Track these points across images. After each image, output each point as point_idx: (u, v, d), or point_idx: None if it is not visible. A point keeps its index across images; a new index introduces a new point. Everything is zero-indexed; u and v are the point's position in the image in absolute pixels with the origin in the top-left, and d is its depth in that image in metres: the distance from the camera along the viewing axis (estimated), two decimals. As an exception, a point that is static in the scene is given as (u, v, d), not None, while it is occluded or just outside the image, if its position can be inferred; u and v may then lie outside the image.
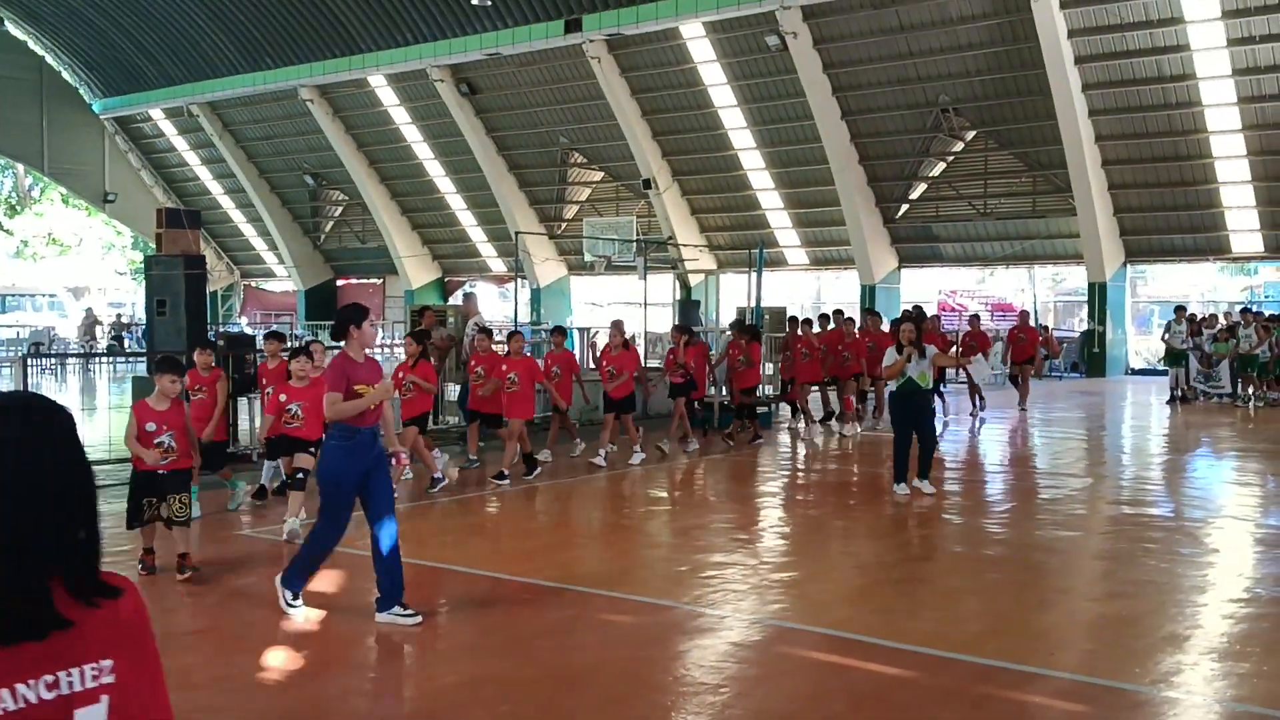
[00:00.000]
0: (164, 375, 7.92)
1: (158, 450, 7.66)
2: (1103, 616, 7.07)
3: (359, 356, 6.79)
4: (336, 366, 6.72)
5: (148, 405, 7.86)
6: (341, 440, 6.65)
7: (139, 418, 7.82)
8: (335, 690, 5.70)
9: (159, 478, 7.69)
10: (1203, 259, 29.58)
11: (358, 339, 6.77)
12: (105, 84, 43.44)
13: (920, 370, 10.64)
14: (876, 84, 28.73)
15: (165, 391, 7.90)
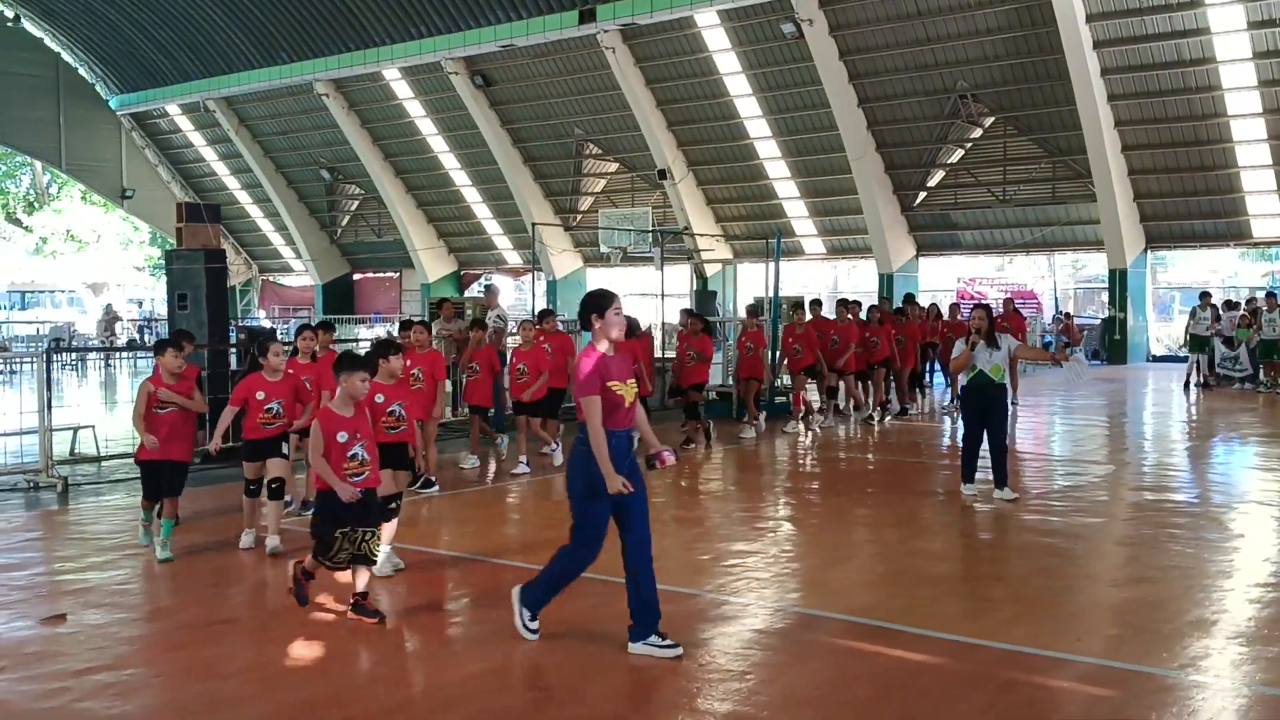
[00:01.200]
0: (354, 373, 6.56)
1: (355, 464, 6.46)
2: (1128, 601, 7.04)
3: (609, 350, 5.88)
4: (588, 364, 5.80)
5: (334, 413, 6.52)
6: None
7: (327, 428, 6.44)
8: (360, 679, 5.72)
9: (359, 502, 6.36)
10: (1224, 244, 29.37)
11: (602, 329, 5.87)
12: (122, 80, 43.62)
13: (993, 362, 9.98)
14: (893, 70, 28.60)
15: (355, 393, 6.57)
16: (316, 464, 6.40)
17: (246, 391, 8.42)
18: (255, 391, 8.35)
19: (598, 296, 5.98)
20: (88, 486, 11.31)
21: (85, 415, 14.97)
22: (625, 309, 6.20)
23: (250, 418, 8.31)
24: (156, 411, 8.10)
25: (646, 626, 5.89)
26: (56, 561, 8.49)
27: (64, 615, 6.75)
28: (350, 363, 6.66)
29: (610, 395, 5.76)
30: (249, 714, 5.19)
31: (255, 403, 8.31)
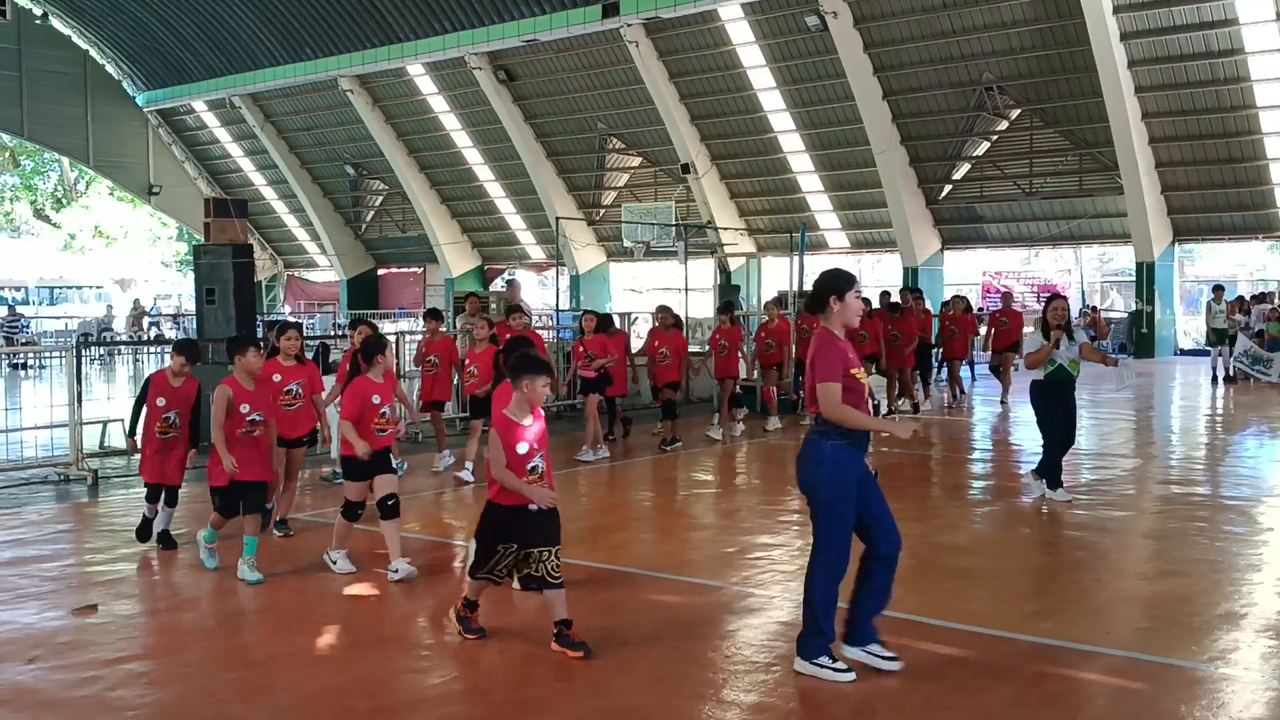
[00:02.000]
0: (536, 378, 5.86)
1: (534, 478, 5.86)
2: (1157, 595, 7.00)
3: (844, 333, 5.48)
4: (827, 348, 5.33)
5: (515, 421, 5.86)
6: (844, 441, 5.31)
7: (507, 439, 5.81)
8: (388, 668, 5.76)
9: (535, 518, 5.82)
10: (1251, 237, 29.08)
11: (839, 313, 5.42)
12: (148, 77, 43.93)
13: (1071, 357, 9.53)
14: (918, 63, 28.46)
15: (535, 398, 5.91)
16: (500, 475, 5.75)
17: (361, 400, 7.30)
18: (370, 395, 7.32)
19: (838, 277, 5.47)
20: (117, 479, 11.41)
21: (115, 409, 15.11)
22: (653, 304, 6.18)
23: (364, 426, 7.25)
24: (241, 434, 7.43)
25: (822, 644, 5.41)
26: (87, 553, 8.58)
27: (95, 606, 6.83)
28: (532, 366, 5.89)
29: (853, 383, 5.31)
30: (279, 702, 5.24)
31: (372, 408, 7.30)
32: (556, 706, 5.24)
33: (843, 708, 5.18)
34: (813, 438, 5.40)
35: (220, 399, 7.39)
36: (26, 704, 5.23)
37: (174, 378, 8.23)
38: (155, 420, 8.17)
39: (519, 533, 5.78)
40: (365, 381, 7.40)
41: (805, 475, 5.44)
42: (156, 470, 8.21)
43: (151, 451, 8.21)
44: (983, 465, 12.82)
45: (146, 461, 8.26)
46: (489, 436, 5.90)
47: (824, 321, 5.47)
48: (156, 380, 8.28)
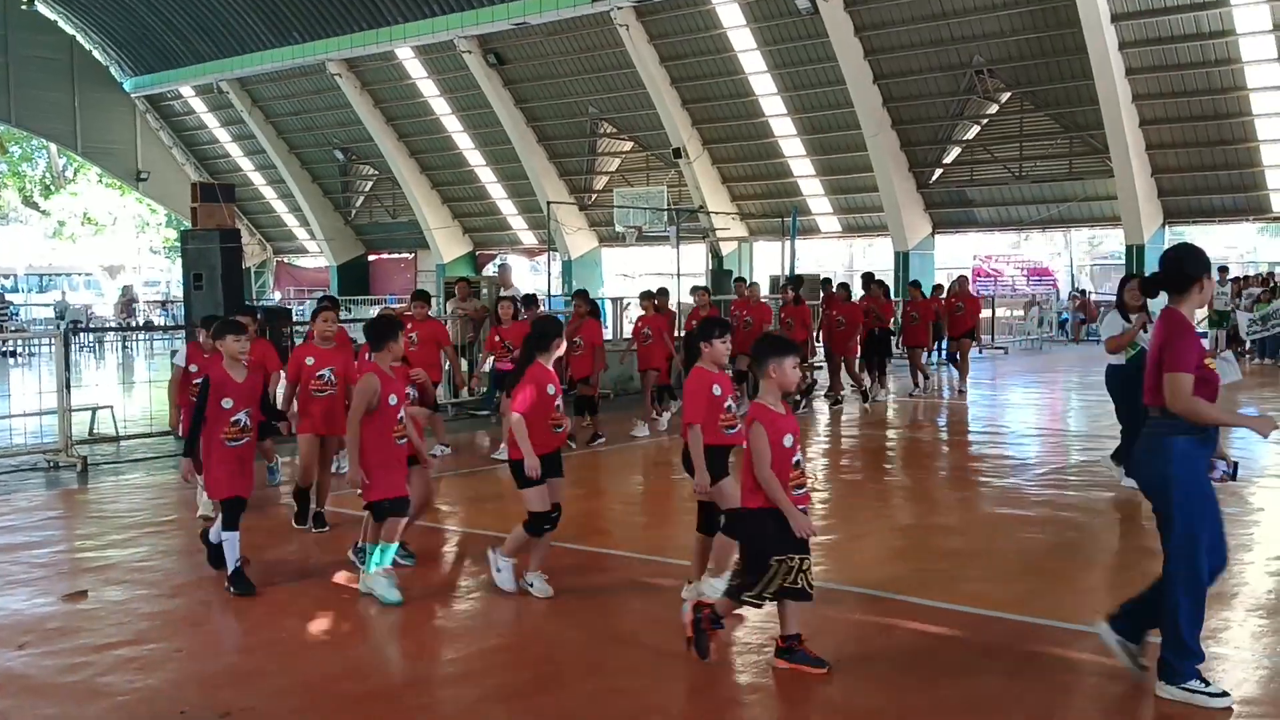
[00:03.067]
0: (785, 358, 5.23)
1: (798, 474, 5.22)
2: (1148, 575, 6.92)
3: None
4: (1181, 335, 4.75)
5: (773, 411, 5.22)
6: (1194, 437, 4.76)
7: (773, 433, 5.14)
8: (379, 654, 5.75)
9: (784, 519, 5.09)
10: (1242, 219, 29.15)
11: (1197, 296, 4.89)
12: (135, 62, 43.67)
13: None
14: (909, 46, 28.40)
15: (787, 383, 5.27)
16: (767, 478, 5.04)
17: (539, 391, 6.27)
18: (545, 385, 6.31)
19: (1200, 255, 4.93)
20: (106, 466, 11.37)
21: (104, 395, 15.05)
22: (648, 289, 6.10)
23: (538, 425, 6.26)
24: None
25: (1190, 666, 4.87)
26: (77, 539, 8.55)
27: (85, 592, 6.80)
28: (782, 345, 5.32)
29: (1207, 373, 4.76)
30: (270, 687, 5.22)
31: (547, 399, 6.28)
32: (550, 688, 5.23)
33: (835, 690, 5.18)
34: (1156, 433, 4.83)
35: (366, 389, 6.37)
36: (16, 690, 5.21)
37: (234, 367, 6.82)
38: (222, 426, 6.68)
39: (792, 539, 5.05)
40: (541, 370, 6.29)
41: (1151, 475, 4.89)
42: (231, 484, 6.69)
43: (222, 470, 6.67)
44: (976, 448, 12.83)
45: (216, 481, 6.71)
46: (751, 433, 5.12)
47: (1179, 305, 4.83)
48: (216, 378, 6.78)
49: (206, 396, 6.68)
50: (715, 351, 6.02)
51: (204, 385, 6.75)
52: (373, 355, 6.74)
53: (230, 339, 6.78)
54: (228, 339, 6.79)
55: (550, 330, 6.45)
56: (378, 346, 6.63)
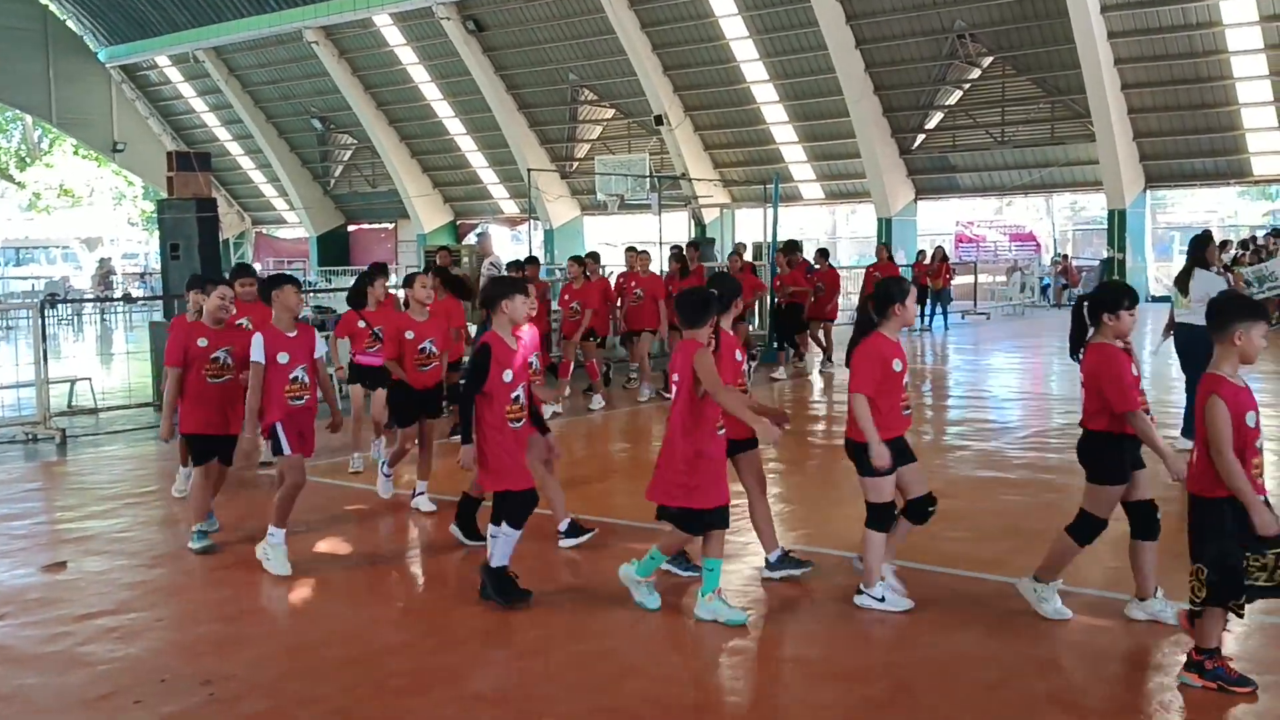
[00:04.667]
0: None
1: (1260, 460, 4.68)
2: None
3: None
4: None
5: None
6: None
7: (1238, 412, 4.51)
8: (363, 620, 5.74)
9: None
10: (1224, 183, 29.22)
11: None
12: (110, 32, 43.11)
13: None
14: (891, 11, 28.28)
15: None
16: (1226, 464, 4.45)
17: (882, 364, 5.56)
18: (890, 359, 5.57)
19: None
20: (85, 438, 11.31)
21: (82, 368, 14.95)
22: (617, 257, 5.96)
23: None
24: None
25: None
26: (56, 511, 8.51)
27: (64, 563, 6.78)
28: (1249, 311, 4.79)
29: None
30: (252, 654, 5.21)
31: (893, 376, 5.57)
32: (533, 652, 5.24)
33: (815, 649, 5.21)
34: None
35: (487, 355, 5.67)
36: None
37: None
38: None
39: (1253, 533, 4.40)
40: (881, 340, 5.54)
41: None
42: (517, 474, 5.77)
43: (507, 457, 5.69)
44: (958, 413, 12.87)
45: (498, 471, 5.71)
46: (1209, 409, 4.55)
47: None
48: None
49: (487, 368, 5.53)
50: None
51: (483, 353, 5.57)
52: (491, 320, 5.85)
53: (519, 300, 5.71)
54: (516, 299, 5.67)
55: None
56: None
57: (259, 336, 6.42)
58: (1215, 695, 4.60)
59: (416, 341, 7.67)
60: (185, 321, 7.39)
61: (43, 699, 4.78)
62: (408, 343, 7.65)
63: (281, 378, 6.42)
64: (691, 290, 5.72)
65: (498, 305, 5.69)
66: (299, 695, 4.76)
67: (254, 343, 6.41)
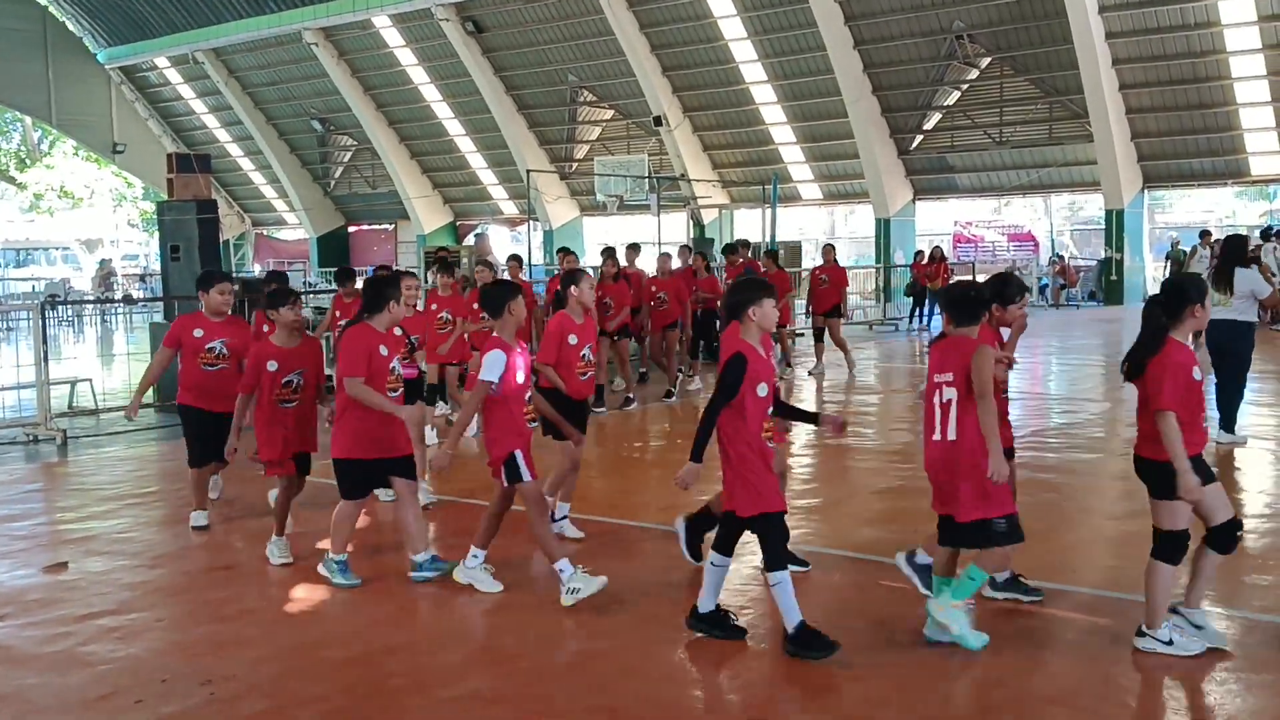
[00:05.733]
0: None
1: None
2: (1124, 534, 7.08)
3: None
4: None
5: None
6: None
7: None
8: (361, 620, 5.77)
9: None
10: (1221, 183, 29.24)
11: None
12: (110, 33, 43.13)
13: None
14: (890, 11, 28.30)
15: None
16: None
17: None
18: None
19: None
20: (86, 439, 11.33)
21: (82, 369, 14.98)
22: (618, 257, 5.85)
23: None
24: None
25: None
26: (57, 512, 8.53)
27: (65, 563, 6.80)
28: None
29: None
30: (252, 655, 5.24)
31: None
32: (530, 652, 5.26)
33: (814, 649, 5.22)
34: None
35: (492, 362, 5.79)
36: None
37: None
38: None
39: None
40: (1177, 347, 4.98)
41: None
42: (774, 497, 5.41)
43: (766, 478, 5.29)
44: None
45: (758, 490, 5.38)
46: None
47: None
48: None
49: (740, 381, 5.03)
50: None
51: (738, 365, 5.02)
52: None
53: (769, 305, 5.21)
54: (766, 304, 5.17)
55: None
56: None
57: (499, 354, 5.73)
58: (1213, 695, 4.62)
59: (578, 349, 6.89)
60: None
61: (43, 699, 4.80)
62: (570, 349, 6.86)
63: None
64: (962, 285, 5.60)
65: (744, 313, 5.11)
66: (299, 695, 4.78)
67: (490, 361, 5.74)
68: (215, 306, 7.37)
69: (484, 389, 5.75)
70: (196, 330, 7.32)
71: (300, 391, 6.62)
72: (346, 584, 6.17)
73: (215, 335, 7.31)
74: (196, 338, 7.31)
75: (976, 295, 5.26)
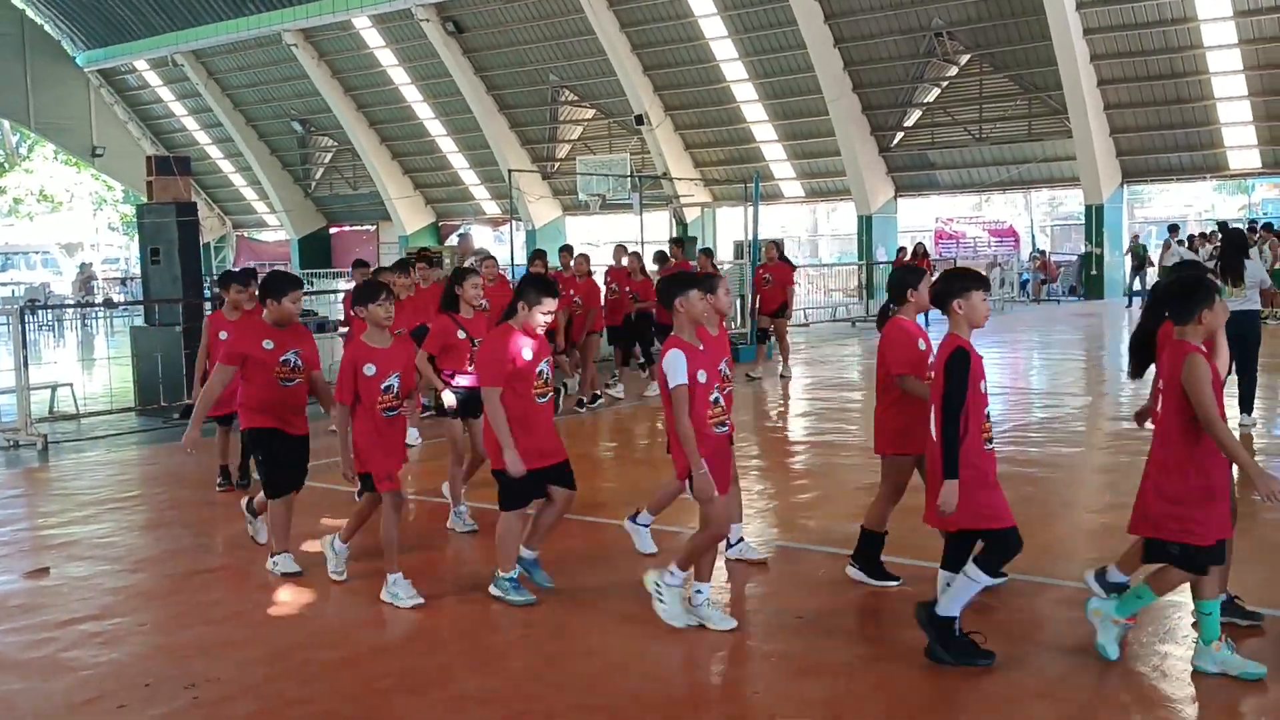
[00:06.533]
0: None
1: None
2: (1106, 527, 7.11)
3: None
4: None
5: None
6: None
7: None
8: (350, 620, 5.76)
9: None
10: (1200, 177, 29.43)
11: None
12: (88, 36, 42.88)
13: None
14: (869, 9, 28.39)
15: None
16: None
17: None
18: None
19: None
20: (68, 444, 11.27)
21: (63, 373, 14.89)
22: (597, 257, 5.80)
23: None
24: None
25: None
26: (39, 517, 8.48)
27: (47, 569, 6.76)
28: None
29: None
30: (239, 657, 5.22)
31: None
32: (518, 651, 5.27)
33: (799, 643, 5.24)
34: None
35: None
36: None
37: None
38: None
39: None
40: None
41: None
42: None
43: None
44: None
45: None
46: None
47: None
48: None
49: (966, 380, 4.85)
50: None
51: (962, 360, 4.86)
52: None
53: (978, 297, 5.11)
54: (974, 295, 5.04)
55: None
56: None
57: (679, 353, 5.20)
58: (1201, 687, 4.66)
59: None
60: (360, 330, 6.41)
61: (27, 705, 4.78)
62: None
63: None
64: (1191, 267, 5.32)
65: (950, 304, 4.99)
66: (286, 697, 4.77)
67: (672, 362, 5.21)
68: (288, 315, 6.39)
69: (682, 394, 5.13)
70: (266, 342, 6.36)
71: (399, 397, 6.00)
72: (523, 601, 5.71)
73: (287, 346, 6.38)
74: (268, 350, 6.35)
75: (1195, 283, 4.75)
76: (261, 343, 6.35)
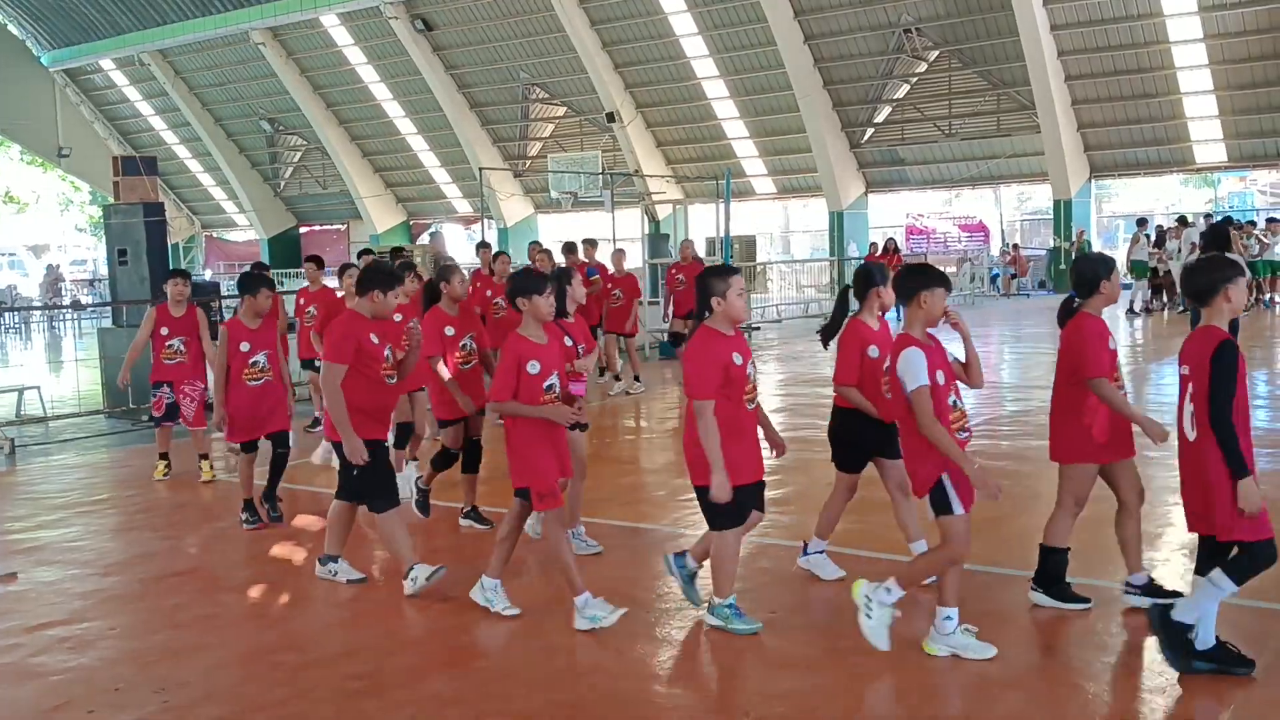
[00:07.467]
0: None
1: None
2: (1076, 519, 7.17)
3: None
4: None
5: None
6: None
7: None
8: (318, 623, 5.73)
9: None
10: (1167, 171, 29.71)
11: None
12: (53, 36, 42.44)
13: None
14: (838, 6, 28.50)
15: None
16: None
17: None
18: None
19: None
20: (35, 447, 11.15)
21: (30, 376, 14.73)
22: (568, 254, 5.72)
23: None
24: None
25: None
26: (6, 521, 8.38)
27: (14, 574, 6.69)
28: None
29: None
30: (208, 661, 5.19)
31: None
32: (490, 651, 5.26)
33: (772, 639, 5.26)
34: None
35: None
36: (-55, 674, 5.12)
37: None
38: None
39: None
40: None
41: None
42: None
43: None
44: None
45: None
46: None
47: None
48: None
49: (1234, 375, 4.52)
50: None
51: (1232, 353, 4.54)
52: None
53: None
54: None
55: None
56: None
57: (916, 352, 4.99)
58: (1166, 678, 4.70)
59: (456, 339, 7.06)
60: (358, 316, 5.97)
61: (-6, 712, 4.73)
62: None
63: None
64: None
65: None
66: (255, 700, 4.74)
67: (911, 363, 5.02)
68: (389, 310, 5.94)
69: (924, 396, 4.84)
70: (372, 335, 5.82)
71: (559, 398, 5.46)
72: (748, 629, 5.19)
73: (387, 340, 5.93)
74: (374, 344, 5.82)
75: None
76: (369, 335, 5.81)
